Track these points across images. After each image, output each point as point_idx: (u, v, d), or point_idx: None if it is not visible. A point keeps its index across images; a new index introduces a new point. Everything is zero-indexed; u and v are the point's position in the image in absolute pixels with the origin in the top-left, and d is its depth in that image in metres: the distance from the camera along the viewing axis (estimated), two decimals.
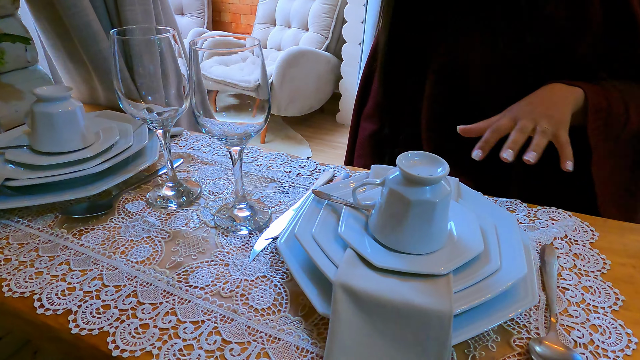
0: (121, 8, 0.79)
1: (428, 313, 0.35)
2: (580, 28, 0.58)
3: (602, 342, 0.38)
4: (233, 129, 0.50)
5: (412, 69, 0.72)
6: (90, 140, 0.62)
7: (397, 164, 0.41)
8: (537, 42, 0.59)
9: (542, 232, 0.52)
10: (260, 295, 0.43)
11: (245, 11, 3.34)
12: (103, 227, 0.53)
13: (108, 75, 0.81)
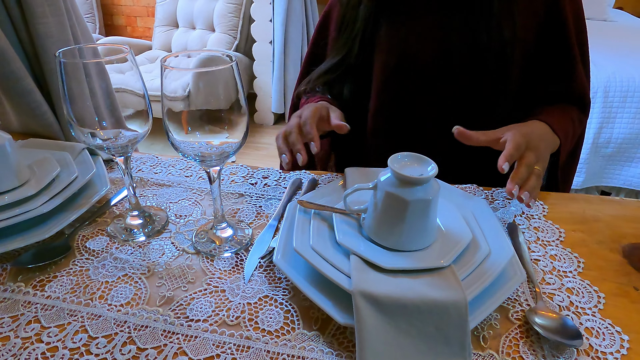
0: (32, 22, 0.69)
1: (446, 304, 0.37)
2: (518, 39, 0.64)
3: (579, 302, 0.44)
4: (209, 149, 0.47)
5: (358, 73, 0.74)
6: (25, 177, 0.55)
7: (389, 167, 0.42)
8: (488, 41, 0.64)
9: (502, 211, 0.58)
10: (269, 316, 0.42)
11: (141, 13, 3.12)
12: (67, 273, 0.47)
13: (23, 98, 0.72)
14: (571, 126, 0.66)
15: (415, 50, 0.69)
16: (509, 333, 0.40)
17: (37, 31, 0.70)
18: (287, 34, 2.50)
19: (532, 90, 0.69)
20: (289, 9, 2.44)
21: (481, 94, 0.68)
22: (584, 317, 0.42)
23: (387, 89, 0.72)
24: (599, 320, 0.41)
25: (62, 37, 0.74)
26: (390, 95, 0.73)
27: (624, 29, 2.61)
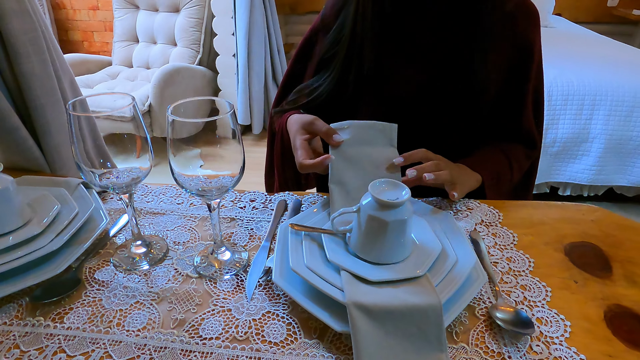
0: (16, 62, 0.72)
1: (424, 308, 0.44)
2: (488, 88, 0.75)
3: (531, 297, 0.52)
4: (209, 184, 0.53)
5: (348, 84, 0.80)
6: (27, 216, 0.58)
7: (370, 192, 0.50)
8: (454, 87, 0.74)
9: (465, 221, 0.66)
10: (273, 330, 0.48)
11: (97, 28, 3.07)
12: (81, 304, 0.51)
13: (9, 135, 0.74)
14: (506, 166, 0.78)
15: (401, 89, 0.78)
16: (476, 327, 0.48)
17: (22, 71, 0.73)
18: (250, 47, 2.55)
19: (489, 127, 0.79)
20: (251, 22, 2.49)
21: (456, 125, 0.78)
22: (535, 309, 0.51)
23: (367, 111, 0.80)
24: (547, 310, 0.50)
25: (45, 74, 0.77)
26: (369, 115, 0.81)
27: (563, 35, 2.84)
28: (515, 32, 0.74)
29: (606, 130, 1.92)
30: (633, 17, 3.12)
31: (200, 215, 0.67)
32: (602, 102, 1.90)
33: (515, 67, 0.76)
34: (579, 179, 2.02)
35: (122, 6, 2.71)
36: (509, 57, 0.76)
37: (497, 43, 0.74)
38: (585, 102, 1.91)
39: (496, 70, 0.76)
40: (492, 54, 0.74)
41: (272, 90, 2.78)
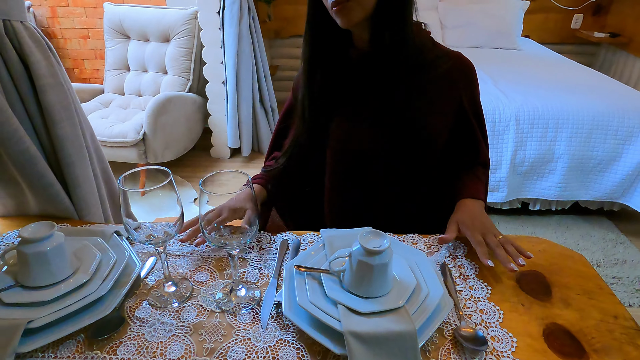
0: (52, 127, 0.83)
1: (403, 334, 0.58)
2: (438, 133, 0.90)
3: (487, 319, 0.66)
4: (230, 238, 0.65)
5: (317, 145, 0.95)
6: (75, 264, 0.70)
7: (358, 241, 0.63)
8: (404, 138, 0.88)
9: (436, 255, 0.80)
10: (286, 353, 0.61)
11: (88, 56, 3.17)
12: (128, 338, 0.63)
13: (45, 191, 0.85)
14: (482, 185, 0.92)
15: (357, 140, 0.91)
16: (444, 345, 0.62)
17: (57, 134, 0.85)
18: (239, 75, 2.68)
19: (450, 160, 0.94)
20: (239, 52, 2.63)
21: (411, 169, 0.93)
22: (490, 328, 0.65)
23: (337, 167, 0.95)
24: (499, 330, 0.64)
25: (75, 135, 0.89)
26: (340, 170, 0.96)
27: (531, 57, 3.05)
28: (454, 86, 0.90)
29: (569, 151, 2.10)
30: (594, 39, 3.36)
31: (216, 257, 0.80)
32: (565, 125, 2.09)
33: (458, 113, 0.91)
34: (546, 195, 2.20)
35: (113, 36, 2.81)
36: (452, 107, 0.91)
37: (440, 98, 0.89)
38: (549, 126, 2.10)
39: (442, 121, 0.91)
40: (437, 107, 0.89)
41: (260, 114, 2.91)
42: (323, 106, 0.91)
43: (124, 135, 2.33)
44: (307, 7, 0.87)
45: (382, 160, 0.91)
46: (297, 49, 3.84)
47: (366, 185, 0.95)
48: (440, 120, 0.90)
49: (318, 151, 0.96)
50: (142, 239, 0.65)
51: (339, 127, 0.92)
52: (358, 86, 0.91)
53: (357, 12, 0.79)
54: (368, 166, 0.93)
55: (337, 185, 0.98)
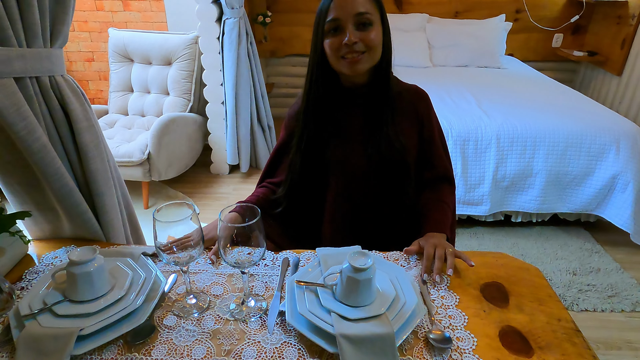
0: (86, 163, 0.97)
1: (384, 336, 0.72)
2: (409, 150, 1.06)
3: (454, 323, 0.81)
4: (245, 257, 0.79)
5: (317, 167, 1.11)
6: (112, 282, 0.83)
7: (347, 260, 0.77)
8: (385, 153, 1.05)
9: (415, 269, 0.95)
10: (289, 353, 0.74)
11: (92, 77, 3.31)
12: (159, 342, 0.76)
13: (80, 217, 0.99)
14: (448, 213, 1.09)
15: (353, 160, 1.09)
16: (418, 345, 0.76)
17: (89, 169, 0.99)
18: (237, 96, 2.84)
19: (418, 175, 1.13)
20: (238, 75, 2.78)
21: (393, 183, 1.10)
22: (456, 331, 0.79)
23: (337, 184, 1.11)
24: (464, 332, 0.79)
25: (104, 168, 1.03)
26: (340, 187, 1.12)
27: (513, 76, 3.23)
28: (416, 112, 1.10)
29: (546, 167, 2.27)
30: (573, 57, 3.55)
31: (227, 273, 0.94)
32: (542, 143, 2.26)
33: (420, 131, 1.11)
34: (527, 208, 2.36)
35: (117, 60, 2.96)
36: (415, 126, 1.10)
37: (407, 122, 1.09)
38: (527, 144, 2.26)
39: (410, 137, 1.09)
40: (406, 129, 1.09)
41: (258, 132, 3.06)
42: (319, 134, 1.08)
43: (129, 155, 2.46)
44: (310, 52, 1.03)
45: (373, 175, 1.09)
46: (292, 67, 4.01)
47: (361, 199, 1.12)
48: (409, 140, 1.09)
49: (315, 174, 1.11)
50: (168, 262, 0.79)
51: (336, 150, 1.09)
52: (348, 114, 1.08)
53: (367, 63, 0.99)
54: (363, 181, 1.10)
55: (337, 201, 1.13)
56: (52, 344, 0.71)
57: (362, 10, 0.95)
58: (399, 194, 1.11)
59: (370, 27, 0.97)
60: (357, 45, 0.96)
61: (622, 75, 3.25)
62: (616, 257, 2.25)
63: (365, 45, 0.97)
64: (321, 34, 0.99)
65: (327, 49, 0.99)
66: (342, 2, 0.96)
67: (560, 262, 2.20)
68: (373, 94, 1.06)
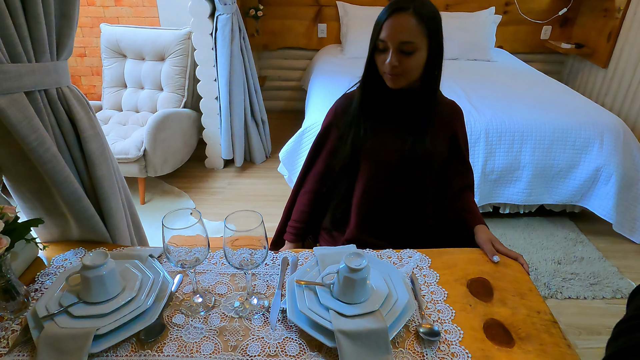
0: (92, 170, 1.02)
1: (378, 330, 0.78)
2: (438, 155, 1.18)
3: (443, 317, 0.87)
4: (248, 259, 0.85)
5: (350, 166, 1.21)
6: (122, 283, 0.89)
7: (344, 261, 0.83)
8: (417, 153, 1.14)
9: (406, 266, 1.01)
10: (291, 347, 0.81)
11: (85, 73, 3.31)
12: (170, 340, 0.82)
13: (88, 221, 1.03)
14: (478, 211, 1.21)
15: (385, 156, 1.18)
16: (409, 338, 0.83)
17: (96, 175, 1.03)
18: (231, 91, 2.86)
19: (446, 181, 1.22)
20: (231, 70, 2.81)
21: (420, 181, 1.20)
22: (444, 324, 0.86)
23: (370, 174, 1.21)
24: (451, 325, 0.85)
25: (109, 173, 1.07)
26: (371, 181, 1.21)
27: (502, 69, 3.29)
28: (450, 125, 1.20)
29: (533, 160, 2.34)
30: (561, 49, 3.62)
31: (230, 273, 1.00)
32: (529, 138, 2.33)
33: (452, 143, 1.22)
34: (514, 200, 2.44)
35: (110, 56, 2.96)
36: (447, 138, 1.21)
37: (441, 131, 1.19)
38: (515, 138, 2.33)
39: (442, 145, 1.20)
40: (439, 138, 1.19)
41: (252, 126, 3.10)
42: (366, 128, 1.18)
43: (126, 152, 2.49)
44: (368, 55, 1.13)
45: (401, 172, 1.20)
46: (284, 60, 4.03)
47: (386, 194, 1.22)
48: (441, 147, 1.21)
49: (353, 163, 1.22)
50: (176, 264, 0.84)
51: (374, 143, 1.19)
52: (389, 112, 1.19)
53: (403, 83, 1.11)
54: (391, 176, 1.20)
55: (369, 190, 1.22)
56: (71, 343, 0.76)
57: (407, 40, 1.04)
58: (421, 193, 1.22)
59: (412, 54, 1.05)
60: (396, 68, 1.07)
61: (608, 68, 3.33)
62: (599, 246, 2.35)
63: (404, 69, 1.07)
64: (373, 46, 1.09)
65: (377, 61, 1.11)
66: (392, 27, 1.04)
67: (545, 252, 2.29)
68: (416, 99, 1.15)
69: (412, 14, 1.03)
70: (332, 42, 3.93)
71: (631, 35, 3.08)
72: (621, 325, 0.55)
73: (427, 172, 1.20)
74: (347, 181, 1.24)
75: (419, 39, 1.05)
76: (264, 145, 3.27)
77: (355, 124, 1.19)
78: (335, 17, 3.81)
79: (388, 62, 1.06)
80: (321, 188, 1.30)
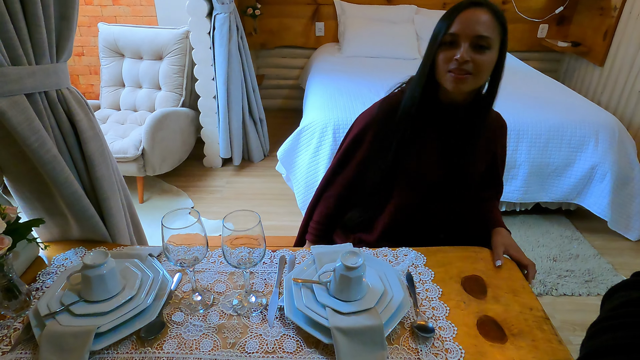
0: (92, 170, 1.03)
1: (374, 327, 0.80)
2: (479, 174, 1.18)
3: (437, 314, 0.89)
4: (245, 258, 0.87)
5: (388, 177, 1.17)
6: (122, 282, 0.90)
7: (340, 260, 0.85)
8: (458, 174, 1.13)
9: (402, 264, 1.03)
10: (288, 344, 0.82)
11: (83, 72, 3.31)
12: (169, 337, 0.84)
13: (88, 221, 1.05)
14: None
15: (427, 175, 1.14)
16: (404, 334, 0.84)
17: (95, 175, 1.04)
18: (229, 90, 2.87)
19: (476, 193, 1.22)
20: (229, 69, 2.82)
21: (456, 199, 1.18)
22: (439, 321, 0.87)
23: (407, 187, 1.16)
24: (445, 321, 0.87)
25: (108, 174, 1.08)
26: (407, 198, 1.18)
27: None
28: (493, 140, 1.18)
29: (529, 159, 2.36)
30: (558, 47, 3.63)
31: (229, 271, 1.01)
32: (525, 136, 2.34)
33: (492, 157, 1.20)
34: (511, 198, 2.46)
35: (108, 55, 2.97)
36: (489, 152, 1.19)
37: (484, 147, 1.16)
38: (511, 136, 2.35)
39: (482, 162, 1.19)
40: (481, 154, 1.16)
41: (250, 125, 3.11)
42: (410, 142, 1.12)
43: (124, 151, 2.50)
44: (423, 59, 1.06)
45: (438, 189, 1.16)
46: (282, 58, 4.04)
47: (425, 209, 1.19)
48: (481, 165, 1.19)
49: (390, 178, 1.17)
50: (175, 263, 0.86)
51: (418, 161, 1.13)
52: (433, 128, 1.12)
53: (470, 85, 1.00)
54: (431, 194, 1.16)
55: (403, 207, 1.19)
56: (73, 341, 0.78)
57: (484, 34, 0.96)
58: (454, 210, 1.21)
59: (487, 51, 0.97)
60: (467, 65, 0.96)
61: (604, 66, 3.34)
62: (594, 243, 2.37)
63: (474, 67, 0.97)
64: (438, 43, 0.99)
65: (438, 59, 1.00)
66: (468, 19, 0.96)
67: (541, 249, 2.31)
68: (466, 117, 1.08)
69: (488, 10, 0.97)
70: (329, 41, 3.94)
71: (627, 34, 3.10)
72: (595, 326, 0.57)
73: (464, 192, 1.17)
74: (380, 195, 1.19)
75: (494, 36, 0.97)
76: (262, 143, 3.28)
77: (400, 136, 1.10)
78: (333, 15, 3.82)
79: (458, 57, 0.96)
80: (348, 195, 1.24)
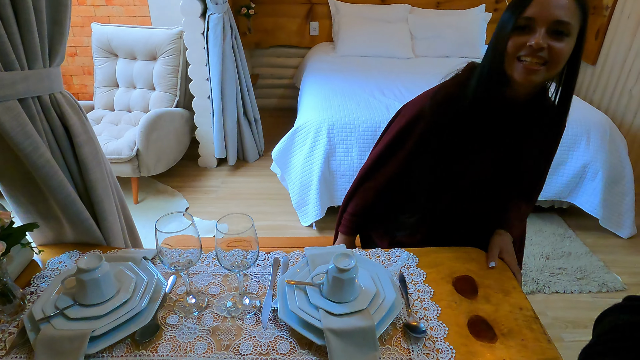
0: (86, 174, 1.03)
1: (366, 328, 0.81)
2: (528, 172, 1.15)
3: (429, 314, 0.90)
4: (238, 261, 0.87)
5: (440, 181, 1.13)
6: (117, 285, 0.91)
7: (332, 262, 0.86)
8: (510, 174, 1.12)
9: (394, 265, 1.04)
10: (282, 346, 0.83)
11: (76, 72, 3.30)
12: (164, 340, 0.85)
13: (82, 224, 1.05)
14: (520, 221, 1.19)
15: (477, 174, 1.11)
16: (396, 335, 0.86)
17: (89, 179, 1.05)
18: (224, 90, 2.87)
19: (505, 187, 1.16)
20: (223, 69, 2.82)
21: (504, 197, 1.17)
22: (430, 321, 0.89)
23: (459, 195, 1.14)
24: (437, 322, 0.88)
25: (102, 177, 1.09)
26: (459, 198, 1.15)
27: None
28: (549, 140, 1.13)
29: None
30: None
31: (223, 274, 1.02)
32: None
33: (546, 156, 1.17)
34: None
35: (101, 55, 2.96)
36: (544, 153, 1.15)
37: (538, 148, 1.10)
38: None
39: (532, 164, 1.13)
40: (534, 154, 1.11)
41: (244, 125, 3.11)
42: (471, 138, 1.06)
43: (118, 152, 2.50)
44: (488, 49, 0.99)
45: (494, 188, 1.13)
46: (276, 58, 4.04)
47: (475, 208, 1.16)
48: (531, 163, 1.13)
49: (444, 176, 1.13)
50: (169, 266, 0.87)
51: (469, 158, 1.08)
52: (489, 125, 1.03)
53: (542, 76, 0.91)
54: (483, 193, 1.13)
55: (454, 206, 1.16)
56: (68, 344, 0.78)
57: (564, 19, 0.86)
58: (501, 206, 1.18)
59: (564, 38, 0.88)
60: (542, 52, 0.87)
61: (597, 65, 3.37)
62: (586, 241, 2.40)
63: (550, 55, 0.88)
64: (509, 29, 0.89)
65: (508, 46, 0.90)
66: (546, 2, 0.86)
67: (534, 247, 2.33)
68: (529, 116, 1.02)
69: None
70: (324, 40, 3.95)
71: (619, 33, 3.12)
72: (586, 350, 0.58)
73: (513, 191, 1.16)
74: (429, 193, 1.15)
75: (574, 22, 0.87)
76: (256, 143, 3.28)
77: (459, 134, 1.03)
78: (327, 14, 3.83)
79: (533, 43, 0.86)
80: (388, 189, 1.19)
